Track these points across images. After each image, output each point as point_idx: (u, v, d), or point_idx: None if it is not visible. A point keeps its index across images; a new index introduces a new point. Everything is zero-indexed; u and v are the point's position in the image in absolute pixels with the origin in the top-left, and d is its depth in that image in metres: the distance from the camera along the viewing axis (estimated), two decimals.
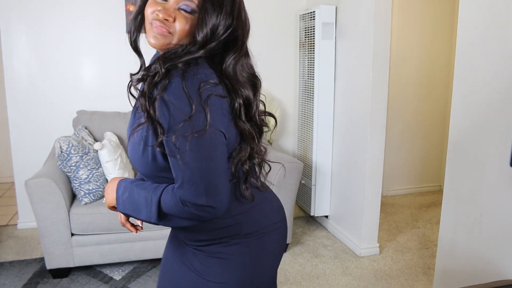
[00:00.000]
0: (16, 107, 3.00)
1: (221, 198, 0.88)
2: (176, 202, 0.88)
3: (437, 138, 4.04)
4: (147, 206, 0.92)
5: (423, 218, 3.42)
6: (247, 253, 1.03)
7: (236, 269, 1.02)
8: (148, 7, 0.94)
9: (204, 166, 0.86)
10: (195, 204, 0.87)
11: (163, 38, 0.92)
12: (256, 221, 1.04)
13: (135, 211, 0.95)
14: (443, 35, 3.87)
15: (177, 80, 0.85)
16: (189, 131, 0.83)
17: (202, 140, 0.85)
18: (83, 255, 2.40)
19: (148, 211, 0.92)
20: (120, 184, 1.00)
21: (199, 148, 0.85)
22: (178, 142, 0.84)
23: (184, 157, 0.85)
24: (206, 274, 1.02)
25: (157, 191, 0.92)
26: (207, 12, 0.89)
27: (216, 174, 0.87)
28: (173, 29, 0.91)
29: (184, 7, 0.91)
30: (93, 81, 3.11)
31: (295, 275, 2.52)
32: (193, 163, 0.85)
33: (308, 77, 3.06)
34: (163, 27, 0.91)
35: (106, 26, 3.05)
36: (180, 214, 0.89)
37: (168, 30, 0.91)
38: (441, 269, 2.05)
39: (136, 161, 0.97)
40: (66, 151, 2.43)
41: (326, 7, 2.83)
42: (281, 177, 2.60)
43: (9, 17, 2.89)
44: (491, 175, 1.71)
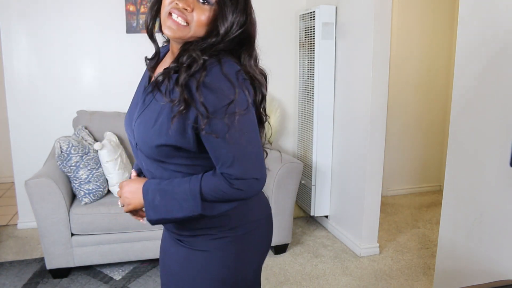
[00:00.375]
0: (16, 107, 3.00)
1: (264, 169, 0.98)
2: (223, 184, 0.94)
3: (437, 138, 4.04)
4: (188, 200, 0.95)
5: (423, 218, 3.42)
6: (231, 249, 1.05)
7: (218, 265, 1.04)
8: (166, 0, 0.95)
9: (251, 141, 0.94)
10: (245, 179, 0.94)
11: (180, 30, 0.95)
12: (243, 214, 1.06)
13: (172, 211, 0.97)
14: (443, 35, 3.86)
15: (216, 67, 0.91)
16: (235, 110, 0.89)
17: (247, 118, 0.92)
18: (83, 255, 2.40)
19: (190, 205, 0.95)
20: (146, 190, 1.00)
21: (245, 126, 0.92)
22: (227, 121, 0.89)
23: (233, 135, 0.90)
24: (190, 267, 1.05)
25: (195, 182, 0.96)
26: (226, 5, 0.94)
27: (259, 148, 0.96)
28: (191, 18, 0.94)
29: None
30: (93, 81, 3.11)
31: (295, 275, 2.52)
32: (241, 139, 0.92)
33: (308, 77, 3.06)
34: (181, 16, 0.93)
35: (106, 26, 3.06)
36: (226, 196, 0.95)
37: (186, 20, 0.94)
38: (441, 269, 2.05)
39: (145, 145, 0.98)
40: (66, 151, 2.43)
41: (326, 7, 2.83)
42: (281, 177, 2.60)
43: (9, 17, 2.89)
44: (491, 175, 1.71)
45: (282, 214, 2.66)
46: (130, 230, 2.44)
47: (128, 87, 3.16)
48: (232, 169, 0.93)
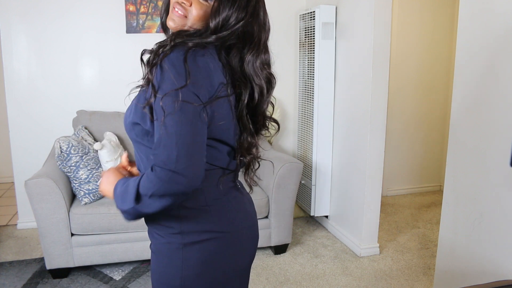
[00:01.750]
0: (16, 107, 3.00)
1: (192, 169, 0.89)
2: (149, 171, 0.90)
3: (437, 138, 4.04)
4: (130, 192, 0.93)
5: (423, 218, 3.42)
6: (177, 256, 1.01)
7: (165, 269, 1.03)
8: None
9: (183, 133, 0.88)
10: (164, 168, 0.87)
11: (179, 20, 1.01)
12: (197, 221, 1.02)
13: (123, 203, 0.95)
14: (443, 35, 3.86)
15: (179, 52, 0.91)
16: (178, 98, 0.87)
17: (187, 109, 0.89)
18: (83, 255, 2.40)
19: (129, 198, 0.92)
20: (118, 183, 1.00)
21: (182, 116, 0.88)
22: (165, 105, 0.88)
23: (166, 121, 0.88)
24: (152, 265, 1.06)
25: (138, 177, 0.93)
26: (222, 2, 0.97)
27: (192, 146, 0.89)
28: (189, 12, 1.00)
29: None
30: (93, 81, 3.11)
31: (295, 275, 2.52)
32: (171, 127, 0.88)
33: (308, 77, 3.05)
34: (180, 10, 1.00)
35: (106, 26, 3.06)
36: (151, 186, 0.89)
37: (184, 13, 1.00)
38: (441, 269, 2.05)
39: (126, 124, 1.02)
40: (66, 151, 2.43)
41: (326, 7, 2.83)
42: (281, 177, 2.60)
43: (9, 17, 2.89)
44: (491, 175, 1.71)
45: (282, 214, 2.66)
46: (130, 230, 2.44)
47: (128, 87, 3.17)
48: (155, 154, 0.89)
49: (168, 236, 1.02)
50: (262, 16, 1.03)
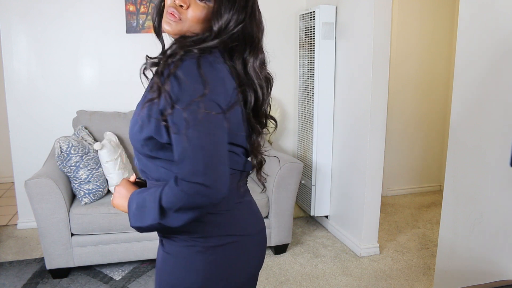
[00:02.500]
0: (16, 107, 3.00)
1: (219, 180, 0.87)
2: (172, 185, 0.87)
3: (437, 138, 4.04)
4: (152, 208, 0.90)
5: (423, 218, 3.42)
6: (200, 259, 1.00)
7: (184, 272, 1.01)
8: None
9: (207, 144, 0.86)
10: (189, 182, 0.85)
11: (175, 24, 0.96)
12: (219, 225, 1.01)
13: (143, 219, 0.93)
14: (443, 35, 3.86)
15: (191, 60, 0.89)
16: (199, 108, 0.85)
17: (209, 119, 0.86)
18: (83, 255, 2.40)
19: (152, 213, 0.90)
20: (132, 198, 0.98)
21: (205, 126, 0.86)
22: (187, 116, 0.85)
23: (188, 133, 0.85)
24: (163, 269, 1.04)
25: (159, 189, 0.90)
26: (222, 3, 0.94)
27: (218, 156, 0.88)
28: (184, 15, 0.95)
29: None
30: (93, 81, 3.11)
31: (295, 275, 2.52)
32: (196, 139, 0.85)
33: (308, 77, 3.05)
34: (174, 13, 0.95)
35: (106, 26, 3.06)
36: (176, 200, 0.87)
37: (179, 17, 0.95)
38: (441, 269, 2.05)
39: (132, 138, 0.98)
40: (66, 151, 2.43)
41: (326, 7, 2.83)
42: (281, 177, 2.60)
43: (9, 17, 2.89)
44: (491, 175, 1.71)
45: (282, 214, 2.66)
46: (130, 230, 2.43)
47: (128, 87, 3.18)
48: (180, 168, 0.87)
49: (190, 240, 1.00)
50: (257, 15, 1.01)
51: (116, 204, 1.04)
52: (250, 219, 1.09)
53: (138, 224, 0.95)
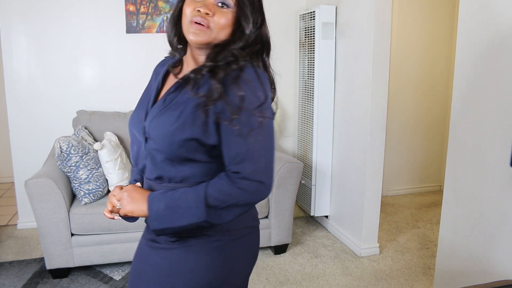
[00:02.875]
0: (16, 107, 3.00)
1: (272, 178, 0.97)
2: (227, 184, 0.94)
3: (437, 138, 4.04)
4: (192, 207, 0.93)
5: (423, 218, 3.42)
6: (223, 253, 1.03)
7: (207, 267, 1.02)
8: (187, 7, 0.99)
9: (267, 146, 0.96)
10: (250, 180, 0.93)
11: (203, 33, 0.98)
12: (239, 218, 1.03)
13: (176, 220, 0.95)
14: (443, 35, 3.86)
15: (251, 68, 0.96)
16: (262, 113, 0.93)
17: (269, 123, 0.96)
18: (83, 255, 2.40)
19: (194, 212, 0.93)
20: (152, 200, 0.97)
21: (266, 130, 0.95)
22: (252, 120, 0.92)
23: (252, 136, 0.93)
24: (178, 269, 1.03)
25: (200, 188, 0.94)
26: (245, 6, 0.98)
27: (272, 155, 0.97)
28: (213, 23, 0.98)
29: (221, 3, 0.98)
30: (93, 81, 3.11)
31: (295, 275, 2.52)
32: (259, 142, 0.94)
33: (308, 77, 3.05)
34: (203, 21, 0.97)
35: (106, 26, 3.06)
36: (230, 198, 0.93)
37: (208, 25, 0.97)
38: (441, 269, 2.05)
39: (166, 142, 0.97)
40: (66, 151, 2.43)
41: (326, 7, 2.83)
42: (281, 177, 2.60)
43: (9, 17, 2.89)
44: (491, 175, 1.71)
45: (282, 214, 2.66)
46: (130, 230, 2.43)
47: (128, 87, 3.18)
48: (241, 167, 0.93)
49: (216, 234, 1.02)
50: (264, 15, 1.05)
51: (130, 210, 0.99)
52: (255, 209, 1.16)
53: (165, 226, 0.96)
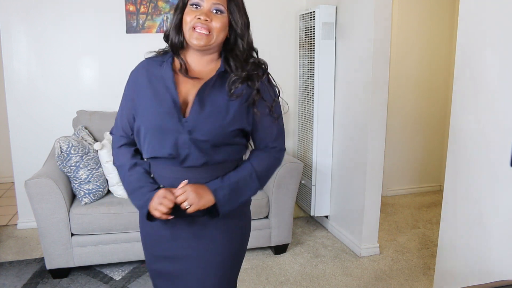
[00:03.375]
0: (16, 107, 3.00)
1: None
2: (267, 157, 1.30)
3: (437, 138, 4.04)
4: (249, 183, 1.25)
5: (423, 218, 3.42)
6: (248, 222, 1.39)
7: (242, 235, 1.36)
8: (187, 16, 1.17)
9: (283, 124, 1.33)
10: (281, 150, 1.32)
11: (205, 37, 1.16)
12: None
13: (239, 198, 1.24)
14: (443, 35, 3.86)
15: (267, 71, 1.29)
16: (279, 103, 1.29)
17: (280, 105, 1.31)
18: (83, 255, 2.40)
19: (252, 187, 1.25)
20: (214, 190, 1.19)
21: (282, 113, 1.32)
22: (279, 109, 1.29)
23: (280, 119, 1.30)
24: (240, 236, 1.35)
25: (246, 166, 1.26)
26: (234, 11, 1.19)
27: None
28: (212, 27, 1.16)
29: (215, 9, 1.17)
30: (93, 81, 3.11)
31: (295, 275, 2.52)
32: (281, 122, 1.31)
33: (308, 77, 3.05)
34: (204, 27, 1.15)
35: (106, 26, 3.05)
36: (270, 167, 1.30)
37: (208, 29, 1.16)
38: (441, 269, 2.05)
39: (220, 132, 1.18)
40: (66, 151, 2.43)
41: (326, 7, 2.83)
42: (281, 177, 2.60)
43: (9, 17, 2.89)
44: (491, 175, 1.71)
45: (282, 214, 2.66)
46: (130, 230, 2.44)
47: None
48: (277, 142, 1.30)
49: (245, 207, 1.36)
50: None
51: (203, 204, 1.17)
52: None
53: (233, 206, 1.23)
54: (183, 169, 1.20)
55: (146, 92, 1.22)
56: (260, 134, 1.27)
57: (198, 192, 1.16)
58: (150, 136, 1.19)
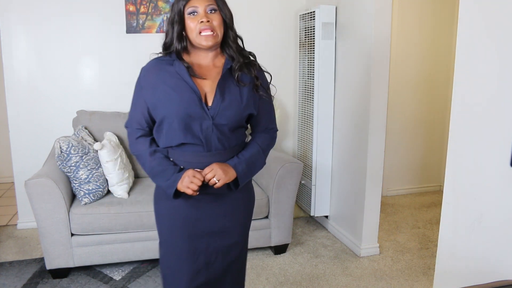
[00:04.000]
0: (16, 107, 3.00)
1: None
2: (268, 137, 1.54)
3: (437, 138, 4.04)
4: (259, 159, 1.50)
5: (423, 218, 3.42)
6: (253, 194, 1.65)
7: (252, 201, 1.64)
8: (191, 23, 1.36)
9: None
10: (276, 130, 1.59)
11: (212, 37, 1.36)
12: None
13: (253, 172, 1.48)
14: (443, 35, 3.86)
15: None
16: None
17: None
18: (83, 255, 2.40)
19: (261, 162, 1.51)
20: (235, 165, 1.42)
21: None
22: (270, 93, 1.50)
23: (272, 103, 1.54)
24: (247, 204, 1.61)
25: (254, 145, 1.50)
26: (222, 7, 1.40)
27: None
28: (213, 26, 1.36)
29: (210, 9, 1.37)
30: (93, 81, 3.11)
31: (295, 275, 2.52)
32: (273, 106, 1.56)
33: (308, 77, 3.05)
34: (208, 28, 1.35)
35: (106, 26, 3.06)
36: (270, 146, 1.55)
37: (212, 29, 1.35)
38: (441, 269, 2.05)
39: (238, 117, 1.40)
40: (66, 151, 2.43)
41: (326, 7, 2.83)
42: (281, 177, 2.60)
43: (9, 17, 2.89)
44: (491, 175, 1.71)
45: (282, 214, 2.66)
46: (130, 230, 2.44)
47: (128, 87, 3.16)
48: (273, 124, 1.56)
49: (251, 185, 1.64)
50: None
51: (228, 178, 1.38)
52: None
53: (248, 178, 1.47)
54: (207, 153, 1.39)
55: (163, 86, 1.37)
56: (262, 117, 1.50)
57: (223, 169, 1.37)
58: (177, 123, 1.35)
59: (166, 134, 1.39)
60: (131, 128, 1.47)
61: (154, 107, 1.38)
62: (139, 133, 1.45)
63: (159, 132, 1.42)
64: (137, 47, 3.11)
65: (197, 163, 1.39)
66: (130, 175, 2.70)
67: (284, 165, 2.59)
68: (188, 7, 1.35)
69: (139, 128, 1.45)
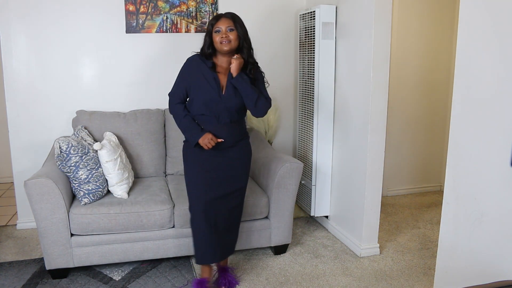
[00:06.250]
0: (16, 107, 3.00)
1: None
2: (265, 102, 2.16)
3: (437, 138, 4.04)
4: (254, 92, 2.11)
5: (424, 218, 3.42)
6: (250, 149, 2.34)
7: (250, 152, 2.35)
8: (216, 38, 2.10)
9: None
10: (270, 99, 2.20)
11: (228, 44, 2.09)
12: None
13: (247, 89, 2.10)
14: (443, 35, 3.86)
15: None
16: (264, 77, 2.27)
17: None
18: (83, 255, 2.40)
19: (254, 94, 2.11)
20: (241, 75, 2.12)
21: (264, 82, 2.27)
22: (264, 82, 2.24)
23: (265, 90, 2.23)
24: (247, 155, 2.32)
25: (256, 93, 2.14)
26: (239, 27, 2.11)
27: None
28: (230, 39, 2.09)
29: (229, 29, 2.10)
30: (93, 81, 3.11)
31: (295, 276, 2.51)
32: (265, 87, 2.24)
33: (308, 77, 3.05)
34: (226, 41, 2.08)
35: (106, 26, 3.05)
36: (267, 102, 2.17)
37: (229, 40, 2.08)
38: (441, 270, 2.04)
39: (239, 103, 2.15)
40: (66, 151, 2.43)
41: (326, 7, 2.83)
42: (281, 177, 2.59)
43: (8, 17, 2.89)
44: (491, 175, 1.71)
45: (282, 214, 2.65)
46: (129, 230, 2.43)
47: (128, 87, 3.18)
48: (268, 95, 2.21)
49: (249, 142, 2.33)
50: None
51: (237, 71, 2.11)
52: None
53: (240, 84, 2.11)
54: (219, 124, 2.14)
55: (200, 76, 2.13)
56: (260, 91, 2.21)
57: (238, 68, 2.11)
58: (201, 103, 2.12)
59: (194, 106, 2.15)
60: (173, 97, 2.21)
61: (190, 88, 2.15)
62: (177, 100, 2.19)
63: (190, 104, 2.18)
64: (136, 47, 3.11)
65: (211, 127, 2.13)
66: (130, 175, 2.70)
67: (284, 165, 2.59)
68: (215, 27, 2.10)
69: (178, 98, 2.19)
